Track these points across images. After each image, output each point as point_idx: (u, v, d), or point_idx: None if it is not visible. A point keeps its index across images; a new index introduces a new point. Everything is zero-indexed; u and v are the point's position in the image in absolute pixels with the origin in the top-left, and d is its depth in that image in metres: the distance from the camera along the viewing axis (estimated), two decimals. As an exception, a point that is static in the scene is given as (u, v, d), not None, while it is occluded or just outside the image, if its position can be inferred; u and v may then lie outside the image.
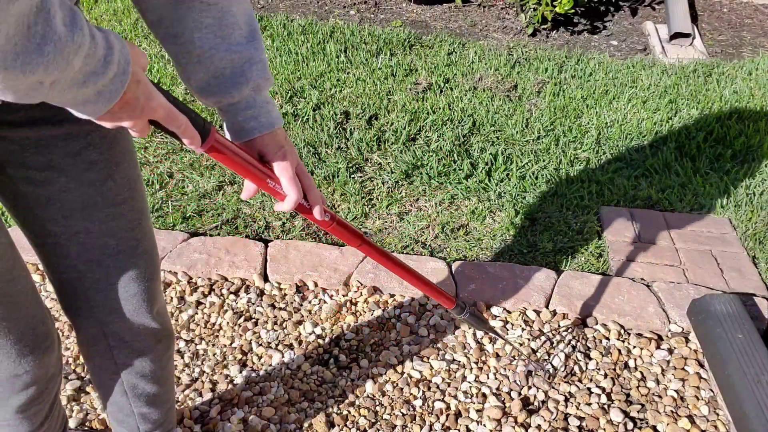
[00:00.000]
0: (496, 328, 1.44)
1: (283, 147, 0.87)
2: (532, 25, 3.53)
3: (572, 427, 1.53)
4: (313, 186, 0.90)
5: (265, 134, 0.86)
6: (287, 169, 0.86)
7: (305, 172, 0.90)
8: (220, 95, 0.84)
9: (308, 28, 3.41)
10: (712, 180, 2.37)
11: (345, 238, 1.01)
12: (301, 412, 1.55)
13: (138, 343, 1.07)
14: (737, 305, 1.69)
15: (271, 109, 0.87)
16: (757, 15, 3.90)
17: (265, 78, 0.85)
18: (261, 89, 0.85)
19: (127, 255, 0.96)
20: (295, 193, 0.86)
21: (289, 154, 0.87)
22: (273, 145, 0.86)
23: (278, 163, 0.86)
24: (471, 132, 2.60)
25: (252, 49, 0.83)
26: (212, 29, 0.80)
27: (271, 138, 0.87)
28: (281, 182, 0.86)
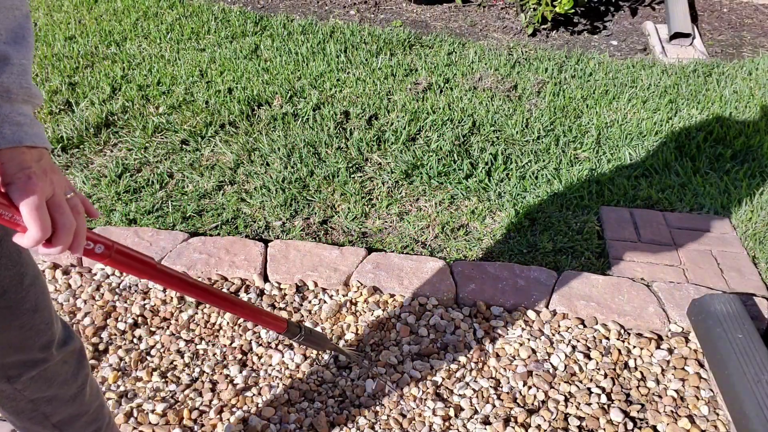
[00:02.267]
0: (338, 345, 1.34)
1: (30, 168, 0.69)
2: (532, 25, 3.53)
3: (572, 427, 1.53)
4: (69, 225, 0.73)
5: (4, 150, 0.69)
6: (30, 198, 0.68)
7: (63, 207, 0.73)
8: None
9: (308, 28, 3.41)
10: (712, 180, 2.37)
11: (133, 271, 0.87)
12: (301, 412, 1.55)
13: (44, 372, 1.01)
14: (737, 305, 1.69)
15: (25, 123, 0.71)
16: (757, 15, 3.90)
17: (21, 86, 0.71)
18: (12, 97, 0.70)
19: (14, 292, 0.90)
20: (37, 230, 0.69)
21: (36, 178, 0.69)
22: (13, 166, 0.69)
23: (20, 186, 0.68)
24: (471, 132, 2.60)
25: (11, 50, 0.70)
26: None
27: (11, 156, 0.69)
28: (22, 213, 0.69)
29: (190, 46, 3.22)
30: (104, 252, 0.82)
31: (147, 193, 2.24)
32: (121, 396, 1.58)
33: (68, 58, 3.07)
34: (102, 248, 0.81)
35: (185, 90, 2.82)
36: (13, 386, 1.00)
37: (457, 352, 1.71)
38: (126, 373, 1.64)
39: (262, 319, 1.10)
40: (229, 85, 2.86)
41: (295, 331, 1.19)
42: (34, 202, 0.69)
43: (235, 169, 2.36)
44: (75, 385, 1.08)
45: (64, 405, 1.08)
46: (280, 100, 2.75)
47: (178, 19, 3.49)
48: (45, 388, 1.03)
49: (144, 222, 2.11)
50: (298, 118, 2.65)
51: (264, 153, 2.43)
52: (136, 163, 2.38)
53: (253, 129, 2.58)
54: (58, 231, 0.72)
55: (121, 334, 1.74)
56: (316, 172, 2.34)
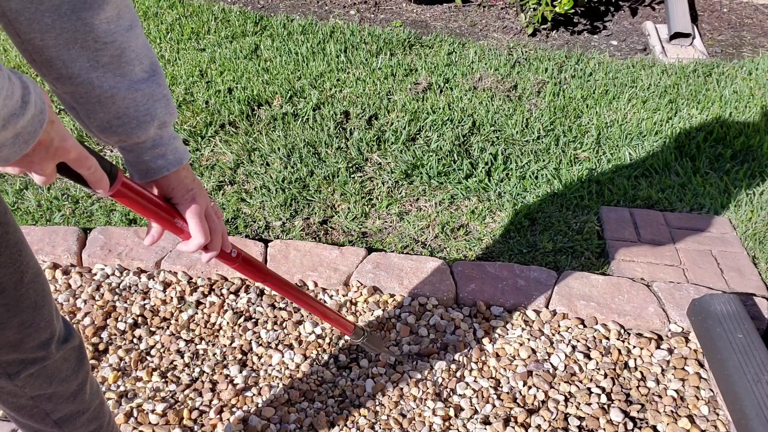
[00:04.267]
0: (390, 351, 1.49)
1: (192, 190, 0.84)
2: (532, 25, 3.53)
3: (572, 427, 1.53)
4: (219, 229, 0.88)
5: (171, 173, 0.82)
6: (196, 212, 0.83)
7: (214, 215, 0.88)
8: (123, 135, 0.78)
9: (308, 28, 3.41)
10: (712, 180, 2.37)
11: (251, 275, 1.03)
12: (301, 412, 1.55)
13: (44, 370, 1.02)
14: (737, 305, 1.69)
15: (178, 145, 0.83)
16: (757, 15, 3.90)
17: (170, 113, 0.81)
18: (166, 125, 0.81)
19: (13, 289, 0.91)
20: (202, 237, 0.84)
21: (198, 197, 0.84)
22: (181, 188, 0.83)
23: (187, 206, 0.83)
24: (471, 132, 2.60)
25: (154, 84, 0.78)
26: (110, 68, 0.73)
27: (178, 178, 0.83)
28: (189, 225, 0.84)
29: (190, 46, 3.22)
30: (236, 257, 0.97)
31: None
32: (121, 396, 1.58)
33: (68, 58, 3.07)
34: (235, 252, 0.96)
35: (185, 90, 2.82)
36: (14, 383, 1.00)
37: (457, 352, 1.71)
38: (126, 373, 1.64)
39: (338, 321, 1.28)
40: (229, 85, 2.86)
41: (359, 333, 1.35)
42: (198, 216, 0.84)
43: (235, 169, 2.36)
44: (75, 383, 1.08)
45: (64, 402, 1.08)
46: (280, 100, 2.75)
47: (178, 19, 3.49)
48: (46, 385, 1.03)
49: (144, 222, 2.11)
50: (298, 118, 2.65)
51: (264, 153, 2.43)
52: (136, 163, 2.38)
53: (253, 129, 2.58)
54: (214, 236, 0.87)
55: (121, 334, 1.74)
56: (316, 172, 2.34)
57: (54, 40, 0.68)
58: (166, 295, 1.86)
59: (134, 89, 0.76)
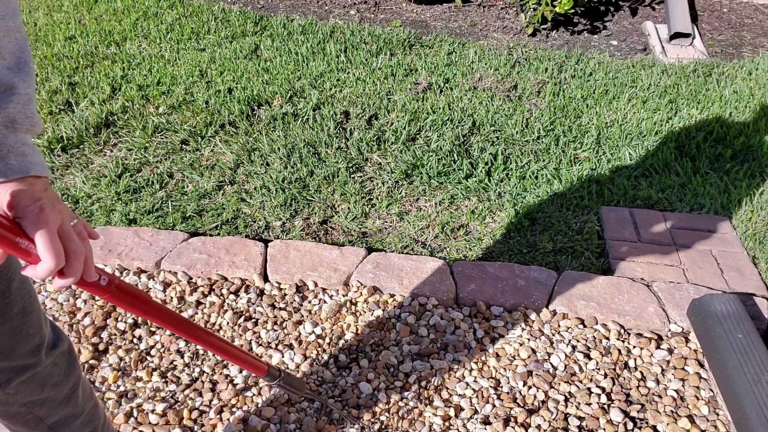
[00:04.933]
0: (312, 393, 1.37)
1: (40, 200, 0.70)
2: (532, 25, 3.53)
3: (572, 427, 1.53)
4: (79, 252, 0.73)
5: (11, 180, 0.69)
6: (45, 229, 0.68)
7: (72, 234, 0.72)
8: None
9: (308, 28, 3.41)
10: (712, 180, 2.37)
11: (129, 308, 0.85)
12: (301, 412, 1.55)
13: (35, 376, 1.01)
14: (737, 305, 1.69)
15: (29, 154, 0.71)
16: (757, 15, 3.90)
17: (26, 116, 0.71)
18: (17, 127, 0.70)
19: (1, 297, 0.89)
20: (52, 259, 0.68)
21: (47, 211, 0.69)
22: (25, 197, 0.69)
23: (32, 219, 0.68)
24: (471, 132, 2.60)
25: (17, 79, 0.70)
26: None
27: (20, 188, 0.69)
28: (36, 244, 0.69)
29: (190, 46, 3.22)
30: (107, 285, 0.81)
31: (147, 193, 2.24)
32: (121, 396, 1.58)
33: (68, 58, 3.07)
34: (106, 279, 0.81)
35: (185, 90, 2.82)
36: (5, 391, 0.99)
37: (457, 352, 1.71)
38: (126, 373, 1.64)
39: (247, 362, 1.12)
40: (229, 85, 2.86)
41: (275, 375, 1.21)
42: (47, 232, 0.69)
43: (235, 169, 2.36)
44: (67, 386, 1.07)
45: (57, 406, 1.07)
46: (280, 100, 2.75)
47: (178, 19, 3.49)
48: (38, 391, 1.02)
49: (144, 222, 2.11)
50: (298, 118, 2.65)
51: (264, 153, 2.43)
52: (136, 163, 2.38)
53: (253, 129, 2.58)
54: (70, 259, 0.72)
55: (121, 334, 1.74)
56: (316, 172, 2.34)
57: None
58: (166, 295, 1.86)
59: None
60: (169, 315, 0.92)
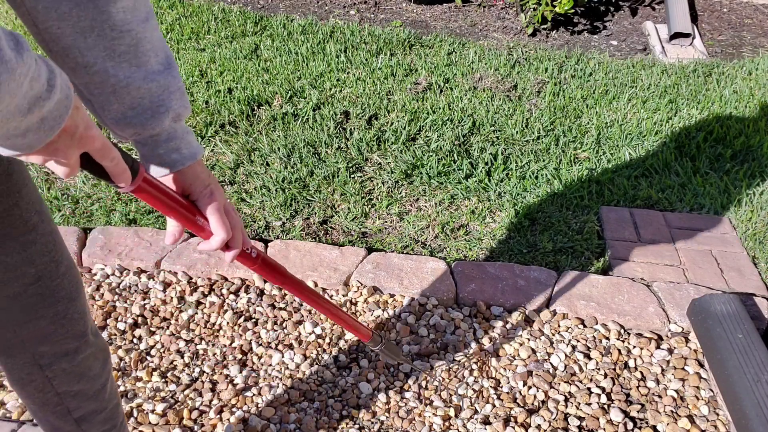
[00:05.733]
0: (408, 360, 1.48)
1: (209, 185, 0.82)
2: (532, 25, 3.53)
3: (572, 427, 1.53)
4: (239, 225, 0.86)
5: (187, 167, 0.81)
6: (216, 207, 0.82)
7: (232, 210, 0.86)
8: (138, 127, 0.77)
9: (308, 28, 3.41)
10: (712, 180, 2.37)
11: (270, 278, 0.99)
12: (301, 412, 1.55)
13: (76, 366, 1.02)
14: (737, 305, 1.69)
15: (192, 140, 0.82)
16: (757, 15, 3.90)
17: (184, 106, 0.80)
18: (180, 118, 0.80)
19: (48, 279, 0.91)
20: (224, 233, 0.82)
21: (216, 192, 0.83)
22: (198, 184, 0.82)
23: (206, 201, 0.82)
24: (471, 132, 2.60)
25: (170, 77, 0.77)
26: (126, 57, 0.73)
27: (194, 173, 0.82)
28: (210, 221, 0.82)
29: (190, 46, 3.22)
30: (256, 257, 0.94)
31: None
32: (121, 396, 1.58)
33: (68, 58, 3.07)
34: (255, 252, 0.93)
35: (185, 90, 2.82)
36: (44, 373, 0.99)
37: (457, 352, 1.71)
38: (126, 373, 1.64)
39: (355, 327, 1.25)
40: (229, 85, 2.86)
41: (377, 341, 1.32)
42: (218, 211, 0.82)
43: (235, 169, 2.36)
44: (99, 381, 1.08)
45: (87, 400, 1.08)
46: (280, 100, 2.75)
47: (178, 19, 3.49)
48: (74, 382, 1.03)
49: (144, 222, 2.11)
50: (298, 118, 2.65)
51: (264, 153, 2.43)
52: (136, 163, 2.38)
53: (253, 129, 2.58)
54: (235, 231, 0.85)
55: (121, 334, 1.74)
56: (316, 172, 2.34)
57: (71, 28, 0.68)
58: (166, 295, 1.86)
59: (149, 80, 0.75)
60: (299, 285, 1.07)
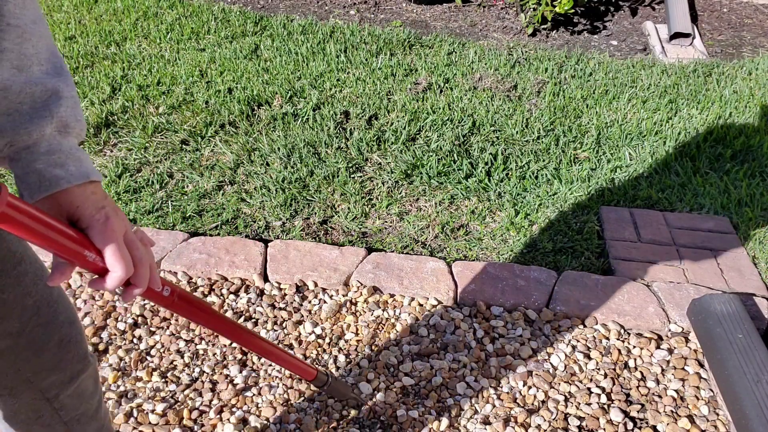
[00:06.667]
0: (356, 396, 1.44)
1: (104, 207, 0.68)
2: (532, 25, 3.53)
3: (572, 427, 1.53)
4: (146, 259, 0.72)
5: (73, 187, 0.67)
6: (112, 237, 0.67)
7: (136, 242, 0.72)
8: (12, 134, 0.65)
9: (308, 28, 3.41)
10: (712, 180, 2.37)
11: (191, 316, 0.86)
12: (301, 412, 1.55)
13: (77, 388, 0.97)
14: (737, 305, 1.69)
15: (84, 159, 0.70)
16: (757, 15, 3.90)
17: (76, 119, 0.69)
18: (69, 132, 0.69)
19: (47, 307, 0.86)
20: (122, 269, 0.68)
21: (112, 218, 0.69)
22: (88, 206, 0.67)
23: (100, 229, 0.67)
24: (471, 132, 2.60)
25: (61, 83, 0.68)
26: (9, 56, 0.63)
27: (84, 195, 0.68)
28: (104, 255, 0.67)
29: (190, 46, 3.22)
30: (170, 295, 0.81)
31: (147, 193, 2.24)
32: (121, 396, 1.58)
33: (68, 58, 3.07)
34: (168, 290, 0.81)
35: (185, 90, 2.82)
36: (52, 405, 0.95)
37: (457, 352, 1.71)
38: (126, 373, 1.64)
39: (298, 367, 1.18)
40: (229, 85, 2.86)
41: (322, 380, 1.26)
42: (116, 243, 0.68)
43: (235, 169, 2.36)
44: (96, 398, 1.06)
45: (88, 421, 1.06)
46: (280, 100, 2.75)
47: (178, 19, 3.49)
48: (77, 404, 1.00)
49: (144, 222, 2.11)
50: (298, 118, 2.65)
51: (264, 153, 2.43)
52: (136, 163, 2.38)
53: (253, 129, 2.58)
54: (137, 267, 0.71)
55: (121, 334, 1.74)
56: (316, 172, 2.34)
57: None
58: (166, 295, 1.85)
59: (33, 83, 0.65)
60: (227, 324, 0.93)
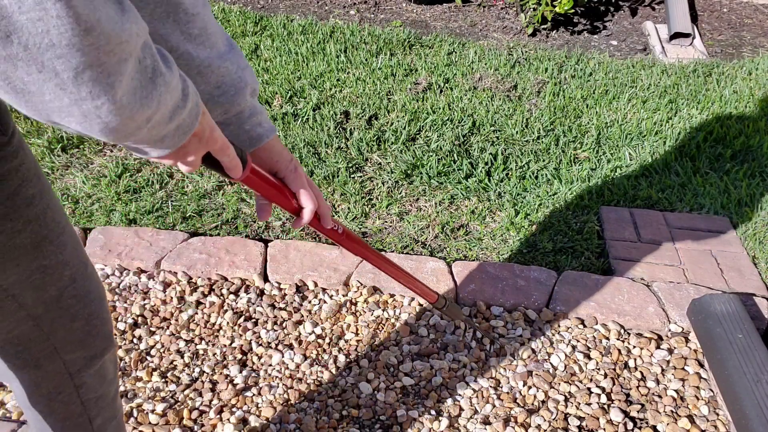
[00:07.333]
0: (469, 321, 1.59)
1: (292, 160, 0.88)
2: (532, 25, 3.53)
3: (572, 427, 1.53)
4: (321, 194, 0.92)
5: (271, 141, 0.86)
6: (303, 182, 0.87)
7: (311, 182, 0.91)
8: (227, 104, 0.82)
9: (308, 28, 3.41)
10: (712, 180, 2.37)
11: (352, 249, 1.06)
12: (301, 412, 1.55)
13: (99, 369, 0.99)
14: (737, 305, 1.69)
15: (266, 116, 0.88)
16: (757, 15, 3.90)
17: (256, 81, 0.85)
18: (256, 93, 0.86)
19: (81, 279, 0.90)
20: (313, 204, 0.88)
21: (299, 167, 0.89)
22: (284, 158, 0.87)
23: (293, 176, 0.87)
24: (471, 132, 2.60)
25: (238, 55, 0.82)
26: (201, 40, 0.77)
27: (278, 149, 0.87)
28: (300, 196, 0.88)
29: (190, 46, 3.21)
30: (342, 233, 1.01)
31: (147, 193, 2.24)
32: (121, 396, 1.58)
33: (68, 58, 3.06)
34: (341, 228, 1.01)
35: (185, 90, 2.82)
36: (73, 382, 0.97)
37: (457, 352, 1.71)
38: (126, 373, 1.64)
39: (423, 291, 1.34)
40: (229, 85, 2.85)
41: (441, 303, 1.41)
42: (305, 185, 0.88)
43: (235, 169, 2.36)
44: (115, 385, 1.08)
45: (106, 405, 1.07)
46: (280, 100, 2.75)
47: (178, 19, 3.49)
48: (98, 386, 1.02)
49: (144, 222, 2.11)
50: (298, 118, 2.65)
51: (264, 153, 2.43)
52: (136, 163, 2.38)
53: (253, 129, 2.58)
54: (320, 200, 0.91)
55: (121, 334, 1.74)
56: (316, 172, 2.34)
57: (149, 16, 0.72)
58: (166, 295, 1.86)
59: (224, 59, 0.79)
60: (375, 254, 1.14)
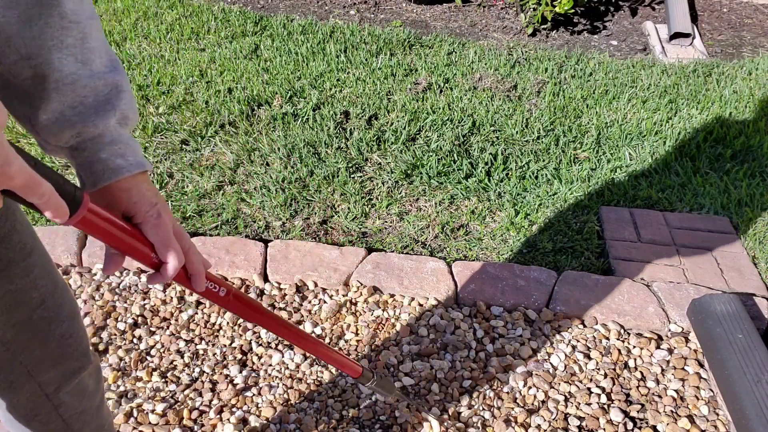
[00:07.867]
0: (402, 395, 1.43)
1: (156, 204, 0.73)
2: (531, 25, 3.53)
3: (572, 427, 1.53)
4: (194, 248, 0.76)
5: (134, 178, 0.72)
6: (166, 230, 0.72)
7: (181, 231, 0.76)
8: (79, 126, 0.69)
9: (308, 28, 3.41)
10: (712, 180, 2.37)
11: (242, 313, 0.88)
12: (301, 412, 1.55)
13: (77, 385, 0.98)
14: (737, 305, 1.69)
15: (139, 150, 0.74)
16: (757, 15, 3.90)
17: (133, 110, 0.74)
18: (128, 122, 0.73)
19: (51, 300, 0.87)
20: (176, 259, 0.73)
21: (164, 214, 0.73)
22: (144, 202, 0.72)
23: (154, 223, 0.72)
24: (471, 132, 2.60)
25: (119, 76, 0.72)
26: (73, 51, 0.67)
27: (140, 190, 0.72)
28: (158, 248, 0.72)
29: (190, 46, 3.22)
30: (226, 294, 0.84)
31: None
32: (121, 396, 1.58)
33: (68, 58, 3.06)
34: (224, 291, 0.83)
35: (185, 90, 2.82)
36: (51, 402, 0.95)
37: (457, 352, 1.71)
38: (126, 373, 1.64)
39: (343, 362, 1.18)
40: (229, 85, 2.86)
41: (368, 377, 1.26)
42: (168, 236, 0.72)
43: (235, 169, 2.36)
44: (98, 396, 1.06)
45: (90, 419, 1.05)
46: (280, 100, 2.75)
47: (178, 19, 3.49)
48: (78, 403, 1.00)
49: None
50: (298, 118, 2.65)
51: (264, 153, 2.43)
52: (136, 163, 2.38)
53: (253, 129, 2.58)
54: (189, 255, 0.75)
55: (121, 334, 1.74)
56: (316, 172, 2.34)
57: (17, 17, 0.63)
58: (166, 295, 1.86)
59: (96, 77, 0.69)
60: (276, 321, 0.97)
